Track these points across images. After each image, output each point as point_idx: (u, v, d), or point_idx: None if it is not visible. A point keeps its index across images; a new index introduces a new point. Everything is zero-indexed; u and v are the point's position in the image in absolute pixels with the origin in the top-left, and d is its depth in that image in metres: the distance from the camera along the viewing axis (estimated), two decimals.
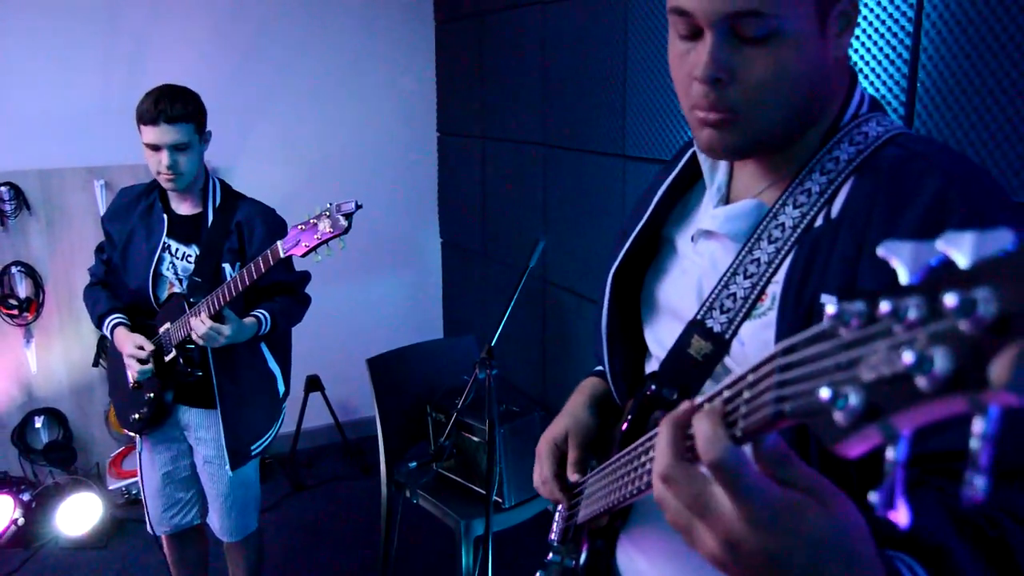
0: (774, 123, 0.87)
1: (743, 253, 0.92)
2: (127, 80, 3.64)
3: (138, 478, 2.67)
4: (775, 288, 0.87)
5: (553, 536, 1.21)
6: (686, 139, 2.64)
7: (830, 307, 0.46)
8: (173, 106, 2.24)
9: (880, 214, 0.80)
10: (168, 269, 2.43)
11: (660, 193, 1.10)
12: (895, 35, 1.89)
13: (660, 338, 1.07)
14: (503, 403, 2.69)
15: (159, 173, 2.31)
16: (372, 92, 4.31)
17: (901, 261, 0.42)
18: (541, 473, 1.17)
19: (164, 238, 2.42)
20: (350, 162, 4.27)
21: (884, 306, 0.42)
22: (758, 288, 0.89)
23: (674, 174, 1.10)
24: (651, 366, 1.12)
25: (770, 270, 0.88)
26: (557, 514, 1.25)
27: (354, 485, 4.05)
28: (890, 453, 0.43)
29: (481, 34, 3.97)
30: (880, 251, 0.43)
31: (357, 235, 2.17)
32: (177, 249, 2.43)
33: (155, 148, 2.27)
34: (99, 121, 3.66)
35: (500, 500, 2.62)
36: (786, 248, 0.87)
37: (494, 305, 4.10)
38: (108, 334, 2.51)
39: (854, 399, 0.43)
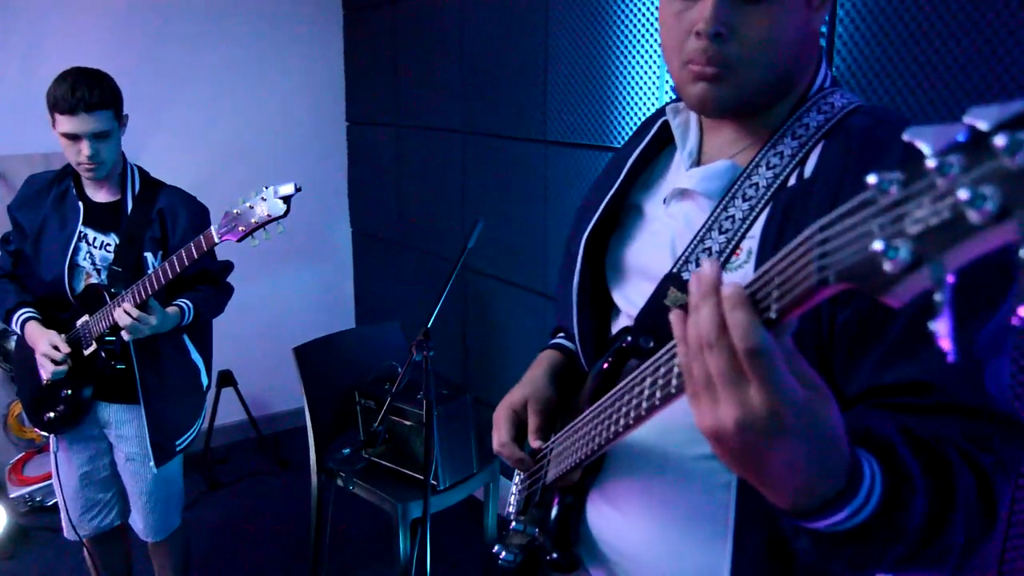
0: (763, 82, 0.94)
1: (718, 210, 0.98)
2: (20, 68, 3.45)
3: (54, 480, 2.54)
4: (751, 243, 0.93)
5: (511, 509, 1.23)
6: (608, 124, 2.73)
7: (871, 178, 0.50)
8: (92, 93, 2.13)
9: (852, 173, 0.87)
10: (85, 259, 2.32)
11: (631, 162, 1.15)
12: None
13: (631, 298, 1.11)
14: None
15: (79, 164, 2.21)
16: (279, 82, 4.23)
17: (925, 141, 0.47)
18: (500, 437, 1.18)
19: (80, 227, 2.30)
20: (257, 152, 4.17)
21: (930, 162, 0.46)
22: (733, 242, 0.95)
23: (644, 144, 1.15)
24: (620, 325, 1.16)
25: (744, 225, 0.94)
26: (513, 487, 1.27)
27: (272, 480, 3.98)
28: (938, 296, 0.47)
29: (394, 22, 3.95)
30: (906, 136, 0.48)
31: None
32: (95, 238, 2.32)
33: (74, 138, 2.17)
34: None
35: (435, 482, 2.63)
36: (760, 205, 0.94)
37: (411, 292, 4.09)
38: (18, 329, 2.37)
39: (904, 250, 0.48)
